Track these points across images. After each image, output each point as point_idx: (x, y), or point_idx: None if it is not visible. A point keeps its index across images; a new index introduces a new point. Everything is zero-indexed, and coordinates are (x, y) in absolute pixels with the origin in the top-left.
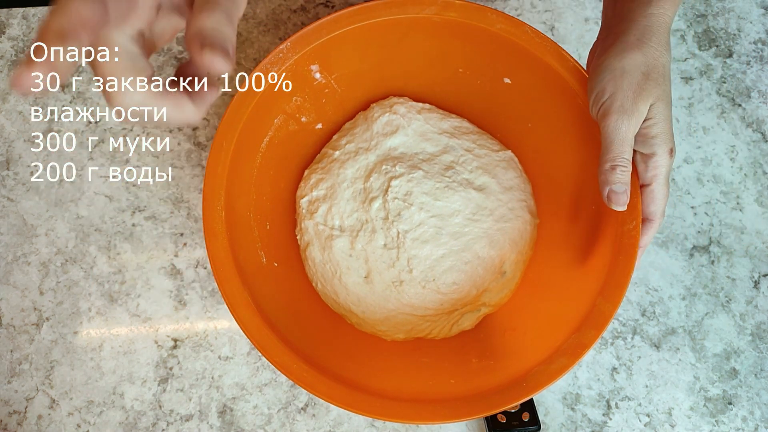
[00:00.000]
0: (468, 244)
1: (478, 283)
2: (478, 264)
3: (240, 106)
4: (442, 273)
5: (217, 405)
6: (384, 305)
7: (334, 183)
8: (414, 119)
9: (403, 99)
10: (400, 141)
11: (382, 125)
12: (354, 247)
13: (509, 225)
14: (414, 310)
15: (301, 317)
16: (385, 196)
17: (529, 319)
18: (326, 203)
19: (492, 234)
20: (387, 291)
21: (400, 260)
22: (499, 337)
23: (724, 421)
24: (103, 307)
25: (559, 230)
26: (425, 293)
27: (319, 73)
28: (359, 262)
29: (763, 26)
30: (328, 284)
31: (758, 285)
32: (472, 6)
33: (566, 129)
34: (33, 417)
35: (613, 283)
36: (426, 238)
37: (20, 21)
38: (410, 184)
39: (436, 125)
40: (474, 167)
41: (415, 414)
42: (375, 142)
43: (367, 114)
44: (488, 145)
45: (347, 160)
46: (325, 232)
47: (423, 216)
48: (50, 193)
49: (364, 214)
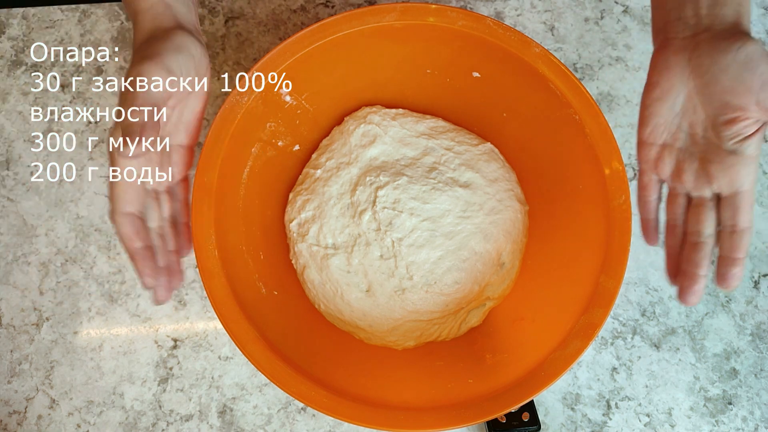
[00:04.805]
0: (463, 241)
1: (479, 278)
2: (476, 260)
3: (216, 141)
4: (443, 274)
5: (217, 405)
6: (390, 316)
7: (320, 202)
8: (390, 126)
9: (376, 107)
10: (379, 150)
11: (359, 137)
12: (351, 263)
13: (500, 216)
14: (420, 316)
15: (309, 342)
16: (374, 208)
17: (535, 307)
18: (316, 223)
19: (485, 228)
20: (390, 301)
21: (399, 268)
22: (509, 330)
23: (724, 421)
24: (103, 307)
25: (550, 214)
26: (429, 297)
27: (289, 96)
28: (359, 277)
29: (763, 26)
30: (331, 304)
31: (758, 285)
32: (430, 8)
33: (541, 114)
34: (33, 417)
35: (613, 259)
36: (421, 243)
37: (20, 21)
38: (397, 192)
39: (412, 129)
40: (456, 165)
41: (441, 420)
42: (355, 155)
43: (342, 128)
44: (467, 141)
45: (330, 178)
46: (319, 253)
47: (414, 221)
48: (50, 193)
49: (356, 228)
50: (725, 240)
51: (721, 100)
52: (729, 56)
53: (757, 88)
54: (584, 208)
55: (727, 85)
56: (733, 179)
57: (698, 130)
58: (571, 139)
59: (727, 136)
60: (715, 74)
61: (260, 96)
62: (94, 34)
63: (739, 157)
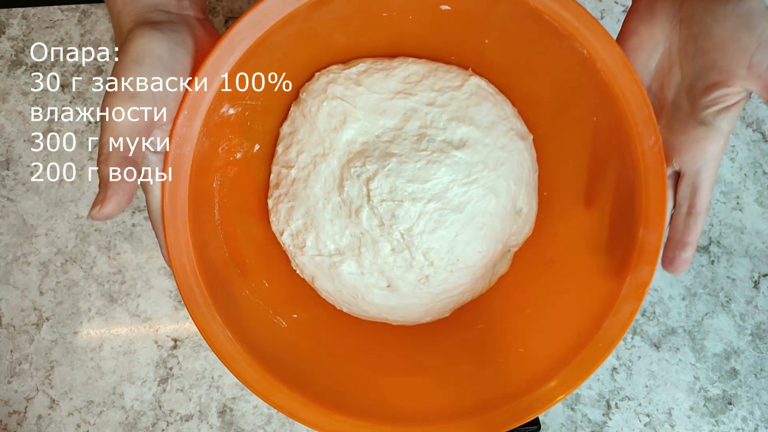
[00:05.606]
0: (475, 208)
1: (500, 236)
2: (493, 221)
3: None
4: (464, 250)
5: (217, 405)
6: (419, 303)
7: (307, 207)
8: (357, 95)
9: (334, 71)
10: (354, 130)
11: (325, 119)
12: (362, 265)
13: (507, 166)
14: (450, 293)
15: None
16: (370, 203)
17: (563, 251)
18: (311, 232)
19: (494, 185)
20: (416, 290)
21: (416, 258)
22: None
23: (724, 421)
24: (103, 307)
25: (559, 148)
26: (454, 276)
27: (232, 108)
28: (375, 277)
29: None
30: (353, 306)
31: (758, 285)
32: None
33: (527, 37)
34: (33, 417)
35: (650, 209)
36: (432, 227)
37: (20, 21)
38: (390, 179)
39: (383, 89)
40: (446, 121)
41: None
42: (328, 143)
43: (302, 109)
44: (449, 84)
45: (309, 176)
46: (324, 262)
47: (419, 206)
48: (50, 193)
49: (357, 228)
50: (678, 221)
51: (708, 59)
52: (728, 7)
53: (753, 48)
54: (603, 151)
55: (719, 41)
56: (697, 156)
57: (669, 93)
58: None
59: (703, 105)
60: (708, 25)
61: (202, 134)
62: (94, 34)
63: (710, 131)
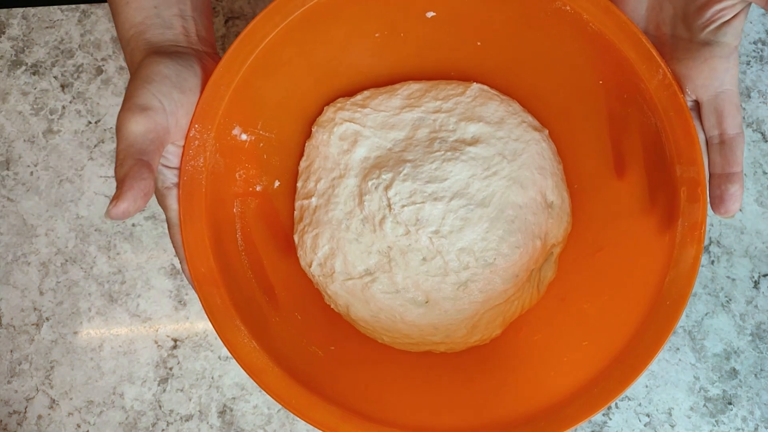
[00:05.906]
0: (502, 200)
1: (536, 230)
2: (524, 213)
3: (191, 225)
4: (498, 245)
5: (217, 405)
6: (463, 316)
7: (332, 231)
8: (365, 116)
9: (339, 102)
10: (366, 147)
11: (337, 143)
12: (395, 281)
13: (526, 155)
14: (495, 300)
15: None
16: (392, 212)
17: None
18: (338, 256)
19: (517, 175)
20: (457, 302)
21: (450, 263)
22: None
23: (724, 421)
24: (103, 307)
25: (576, 133)
26: (495, 277)
27: (244, 134)
28: (411, 293)
29: (763, 26)
30: (394, 332)
31: (758, 285)
32: None
33: (512, 16)
34: (33, 417)
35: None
36: (460, 225)
37: (20, 21)
38: (407, 183)
39: (389, 106)
40: (454, 123)
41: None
42: (343, 164)
43: (314, 142)
44: (451, 93)
45: (329, 201)
46: (356, 286)
47: (442, 206)
48: (50, 193)
49: (383, 242)
50: (714, 155)
51: None
52: None
53: None
54: (615, 107)
55: None
56: (710, 77)
57: (666, 29)
58: (571, 36)
59: (701, 26)
60: None
61: (215, 150)
62: (94, 34)
63: (716, 49)
